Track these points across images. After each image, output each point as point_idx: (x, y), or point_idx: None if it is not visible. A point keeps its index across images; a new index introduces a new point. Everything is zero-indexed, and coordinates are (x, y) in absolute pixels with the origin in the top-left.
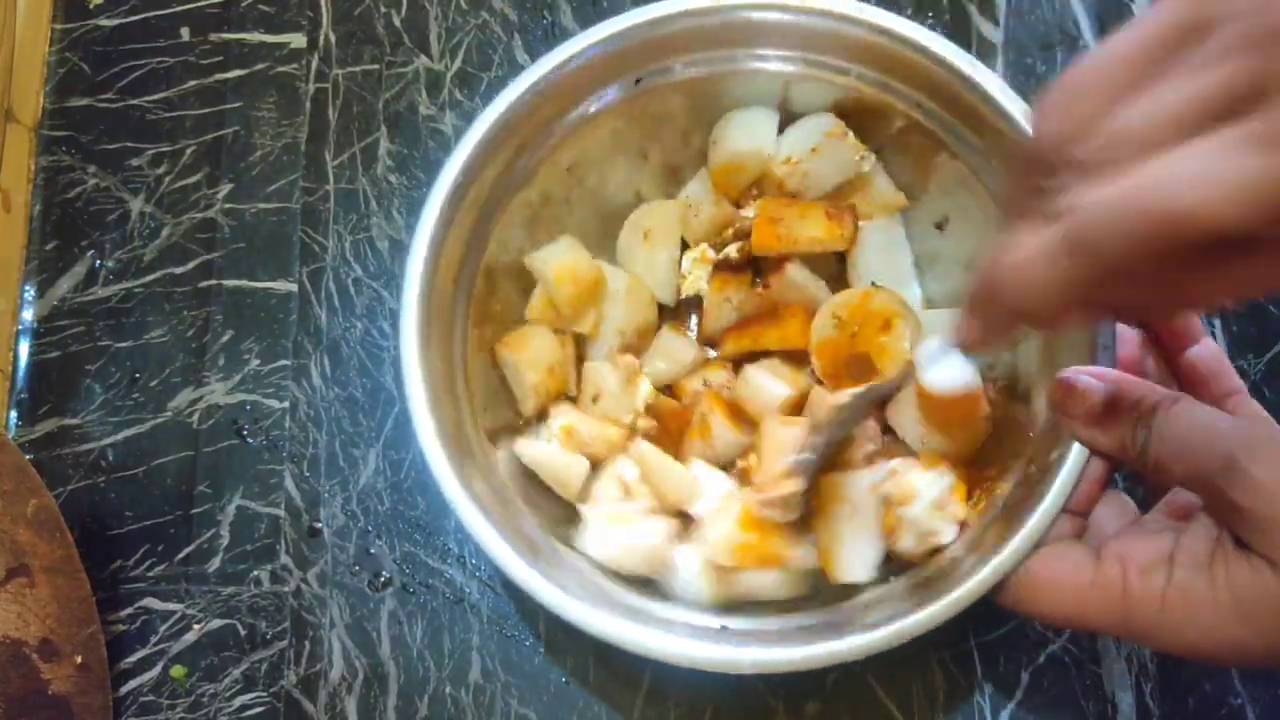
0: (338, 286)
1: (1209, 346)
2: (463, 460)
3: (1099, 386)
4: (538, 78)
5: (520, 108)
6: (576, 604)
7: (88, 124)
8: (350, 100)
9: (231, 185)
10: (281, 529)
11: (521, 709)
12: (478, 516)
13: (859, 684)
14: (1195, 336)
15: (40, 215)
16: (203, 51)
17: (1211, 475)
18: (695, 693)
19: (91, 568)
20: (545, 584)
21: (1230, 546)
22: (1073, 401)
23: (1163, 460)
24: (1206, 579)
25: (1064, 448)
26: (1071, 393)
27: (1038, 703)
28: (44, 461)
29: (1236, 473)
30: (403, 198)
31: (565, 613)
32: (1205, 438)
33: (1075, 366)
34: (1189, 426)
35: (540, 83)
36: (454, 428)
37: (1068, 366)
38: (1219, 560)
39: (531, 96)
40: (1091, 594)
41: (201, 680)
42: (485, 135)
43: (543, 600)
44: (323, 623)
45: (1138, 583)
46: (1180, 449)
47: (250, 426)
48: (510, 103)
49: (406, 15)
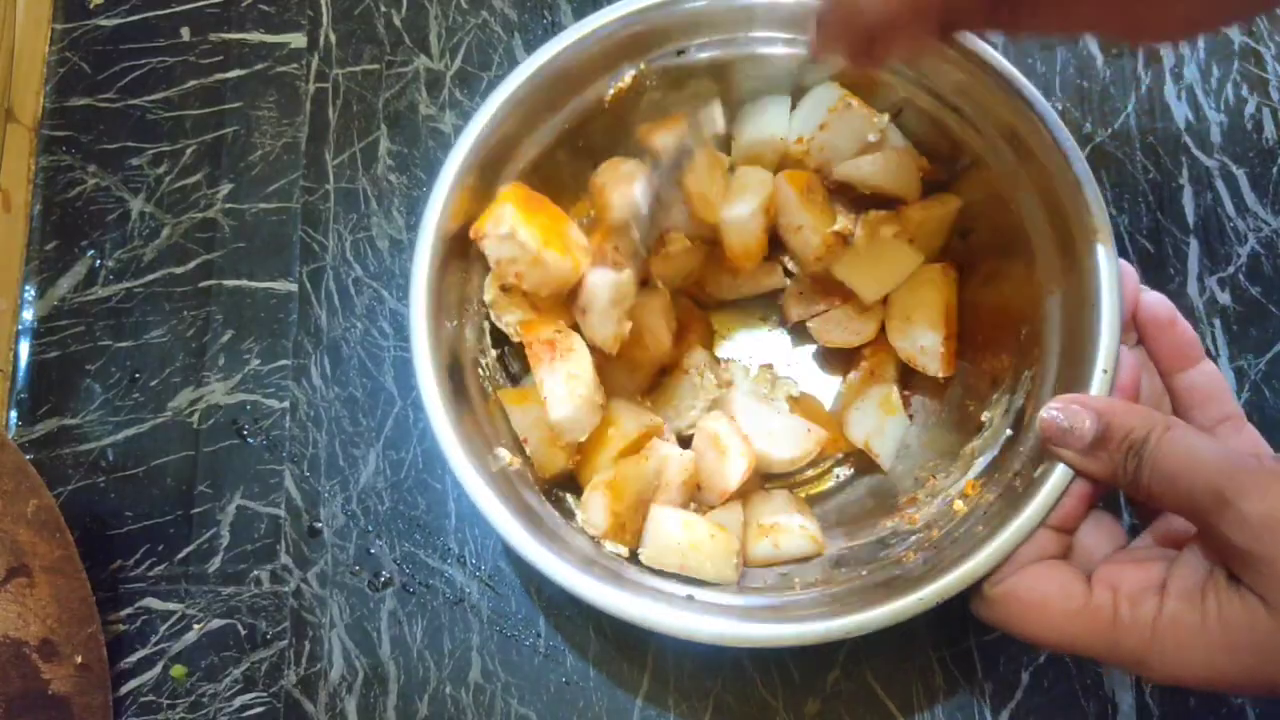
0: (338, 286)
1: (1207, 369)
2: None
3: (1090, 427)
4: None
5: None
6: (545, 552)
7: (88, 124)
8: (350, 100)
9: (231, 185)
10: (281, 529)
11: (521, 709)
12: (460, 453)
13: (859, 684)
14: (1195, 359)
15: (40, 215)
16: (203, 51)
17: (1203, 508)
18: (695, 693)
19: (91, 568)
20: (510, 519)
21: (1222, 579)
22: (1062, 441)
23: (1155, 489)
24: (1198, 611)
25: (1049, 464)
26: (1061, 433)
27: (1038, 703)
28: (44, 461)
29: (1226, 508)
30: (403, 197)
31: (531, 557)
32: (1196, 469)
33: (1065, 396)
34: (1181, 456)
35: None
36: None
37: (1062, 395)
38: (1210, 592)
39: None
40: (1081, 619)
41: (201, 680)
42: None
43: (506, 535)
44: (323, 623)
45: (1128, 611)
46: (1172, 479)
47: (250, 426)
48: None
49: (406, 15)
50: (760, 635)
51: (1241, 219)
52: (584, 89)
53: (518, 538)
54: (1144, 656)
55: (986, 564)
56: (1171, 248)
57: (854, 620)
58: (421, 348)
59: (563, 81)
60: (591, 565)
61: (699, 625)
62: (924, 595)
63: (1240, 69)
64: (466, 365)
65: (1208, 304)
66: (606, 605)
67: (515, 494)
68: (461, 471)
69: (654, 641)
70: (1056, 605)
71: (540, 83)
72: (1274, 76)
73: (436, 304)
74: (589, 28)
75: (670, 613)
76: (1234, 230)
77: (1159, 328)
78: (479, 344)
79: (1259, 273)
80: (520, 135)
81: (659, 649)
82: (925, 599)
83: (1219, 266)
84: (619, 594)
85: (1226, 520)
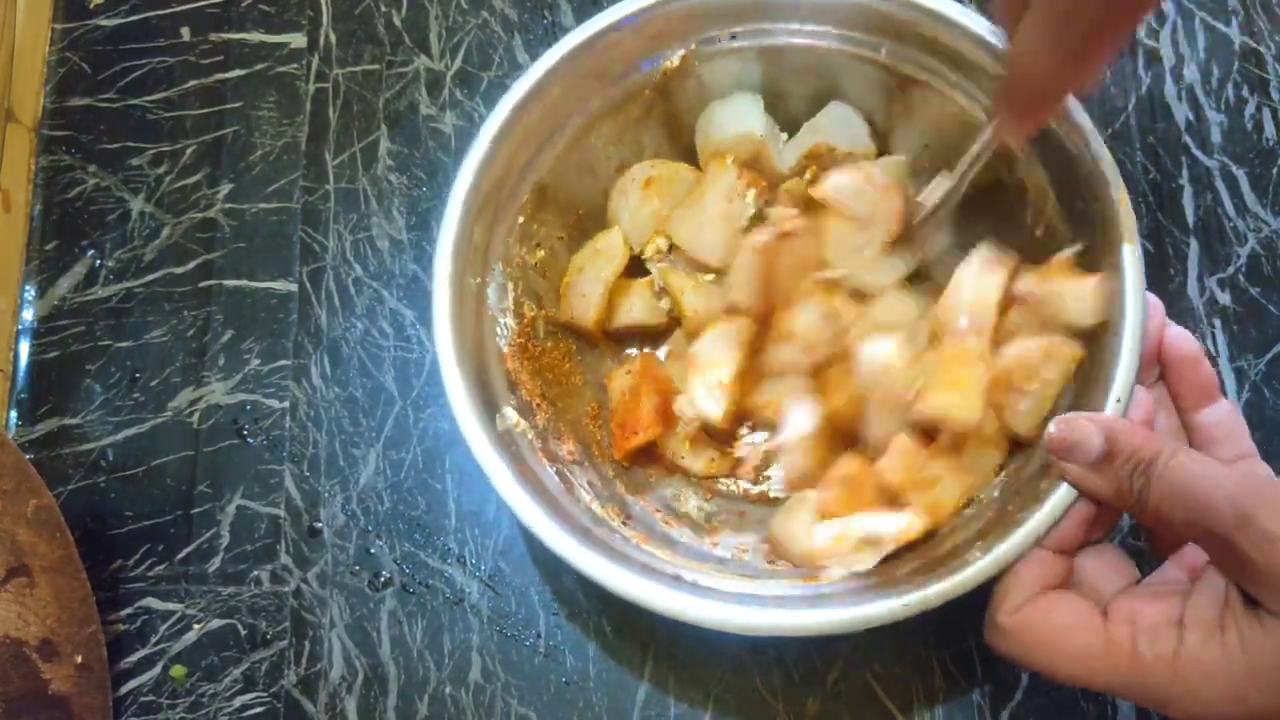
0: (338, 286)
1: (1224, 408)
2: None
3: (1096, 442)
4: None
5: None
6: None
7: (88, 124)
8: (350, 100)
9: (232, 185)
10: (281, 529)
11: (521, 709)
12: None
13: (859, 684)
14: (1214, 397)
15: (40, 215)
16: (203, 51)
17: (1221, 526)
18: (695, 692)
19: (91, 568)
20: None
21: (1240, 607)
22: (1069, 454)
23: (1164, 508)
24: (1218, 643)
25: (1053, 482)
26: (1068, 447)
27: (1038, 703)
28: (44, 461)
29: (1248, 525)
30: (403, 197)
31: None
32: (1215, 487)
33: (1072, 414)
34: (1196, 475)
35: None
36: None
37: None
38: (1230, 623)
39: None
40: (1099, 653)
41: (201, 680)
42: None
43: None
44: (323, 623)
45: (1147, 646)
46: (1185, 498)
47: (250, 426)
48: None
49: (407, 15)
50: (748, 622)
51: (1241, 219)
52: (629, 70)
53: (517, 500)
54: (1166, 695)
55: (990, 568)
56: (1171, 248)
57: (850, 614)
58: (441, 301)
59: (607, 59)
60: (588, 535)
61: (688, 607)
62: (923, 596)
63: (1240, 69)
64: (485, 323)
65: (1208, 304)
66: (598, 576)
67: (519, 456)
68: (468, 428)
69: (654, 642)
70: (1075, 638)
71: (583, 57)
72: (1274, 76)
73: (462, 261)
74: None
75: (660, 591)
76: (1234, 231)
77: (1184, 365)
78: (500, 304)
79: (1259, 273)
80: (563, 106)
81: (659, 649)
82: (928, 599)
83: (1219, 267)
84: (613, 567)
85: (1249, 538)
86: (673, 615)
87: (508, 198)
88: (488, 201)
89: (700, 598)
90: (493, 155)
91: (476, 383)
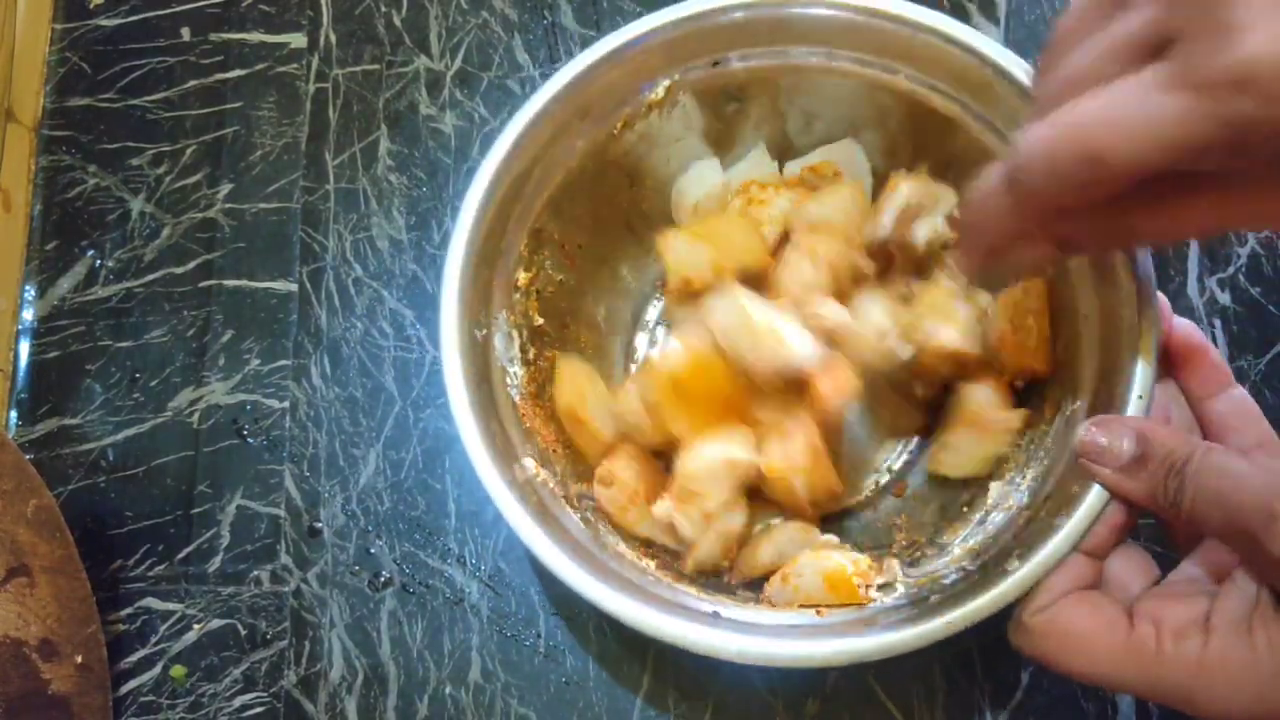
0: (338, 286)
1: (1237, 394)
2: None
3: (1128, 446)
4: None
5: None
6: (563, 557)
7: (88, 124)
8: (350, 100)
9: (231, 185)
10: (281, 529)
11: (521, 709)
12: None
13: (859, 684)
14: (1225, 384)
15: (40, 215)
16: (203, 51)
17: (1252, 527)
18: (695, 693)
19: (91, 568)
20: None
21: (1270, 608)
22: (1100, 459)
23: (1198, 511)
24: (1246, 643)
25: (1085, 485)
26: (1099, 451)
27: (1038, 703)
28: (44, 461)
29: (1276, 524)
30: (403, 197)
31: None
32: (1243, 487)
33: (1101, 416)
34: (1227, 476)
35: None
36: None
37: (1099, 415)
38: (1259, 625)
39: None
40: (1125, 653)
41: (201, 680)
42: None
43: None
44: (323, 623)
45: (1172, 646)
46: (1218, 500)
47: (250, 426)
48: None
49: (407, 15)
50: (790, 654)
51: None
52: (622, 102)
53: (545, 550)
54: (1190, 693)
55: (1019, 586)
56: (1172, 248)
57: (900, 636)
58: (451, 358)
59: (604, 88)
60: (622, 581)
61: (726, 643)
62: (964, 612)
63: None
64: (495, 374)
65: (1208, 304)
66: (641, 623)
67: (541, 505)
68: (490, 484)
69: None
70: (1101, 639)
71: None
72: None
73: (467, 312)
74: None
75: (697, 629)
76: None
77: (1194, 354)
78: (508, 353)
79: (1259, 273)
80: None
81: (659, 649)
82: (953, 622)
83: (1219, 267)
84: (655, 613)
85: (1277, 537)
86: (727, 657)
87: (506, 246)
88: (486, 251)
89: (746, 635)
90: (487, 205)
91: (493, 436)
